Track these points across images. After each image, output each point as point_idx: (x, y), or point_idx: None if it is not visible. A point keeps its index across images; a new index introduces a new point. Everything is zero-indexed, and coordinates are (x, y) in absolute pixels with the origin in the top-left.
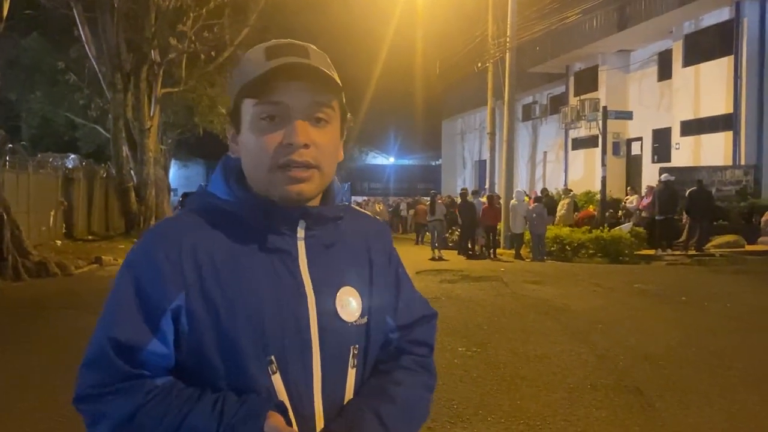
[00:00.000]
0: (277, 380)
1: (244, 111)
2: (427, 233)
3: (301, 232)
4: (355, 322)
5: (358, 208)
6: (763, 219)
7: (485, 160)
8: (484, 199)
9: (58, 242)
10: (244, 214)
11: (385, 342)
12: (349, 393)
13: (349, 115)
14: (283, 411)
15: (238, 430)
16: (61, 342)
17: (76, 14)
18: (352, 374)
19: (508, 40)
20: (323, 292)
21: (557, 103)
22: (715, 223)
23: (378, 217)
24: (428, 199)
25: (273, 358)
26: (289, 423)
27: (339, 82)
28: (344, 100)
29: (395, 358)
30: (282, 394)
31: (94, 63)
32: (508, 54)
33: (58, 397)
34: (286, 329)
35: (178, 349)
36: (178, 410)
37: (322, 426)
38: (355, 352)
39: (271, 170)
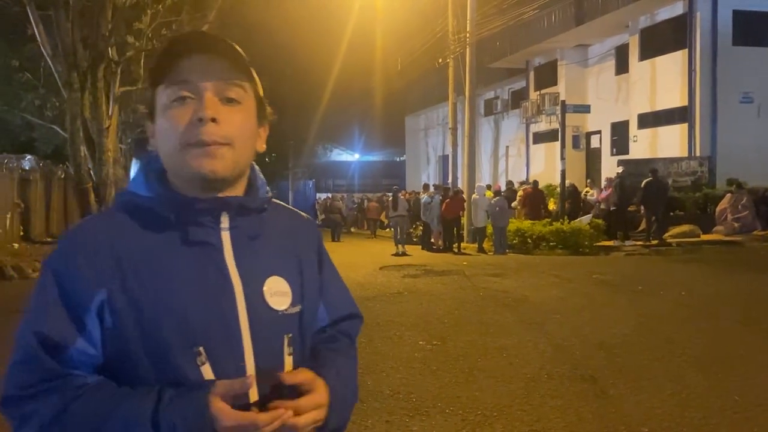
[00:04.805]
0: (206, 370)
1: (158, 99)
2: (389, 228)
3: (225, 224)
4: (287, 310)
5: (281, 202)
6: (718, 209)
7: (448, 155)
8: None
9: (15, 245)
10: (163, 209)
11: (318, 332)
12: None
13: (269, 109)
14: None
15: (183, 403)
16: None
17: (29, 11)
18: (289, 361)
19: (468, 35)
20: (251, 282)
21: (518, 98)
22: (671, 213)
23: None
24: (379, 196)
25: (201, 349)
26: None
27: (248, 66)
28: (260, 91)
29: (332, 341)
30: None
31: (50, 61)
32: (468, 49)
33: None
34: (212, 320)
35: (104, 346)
36: (110, 400)
37: (257, 414)
38: (290, 339)
39: (182, 149)
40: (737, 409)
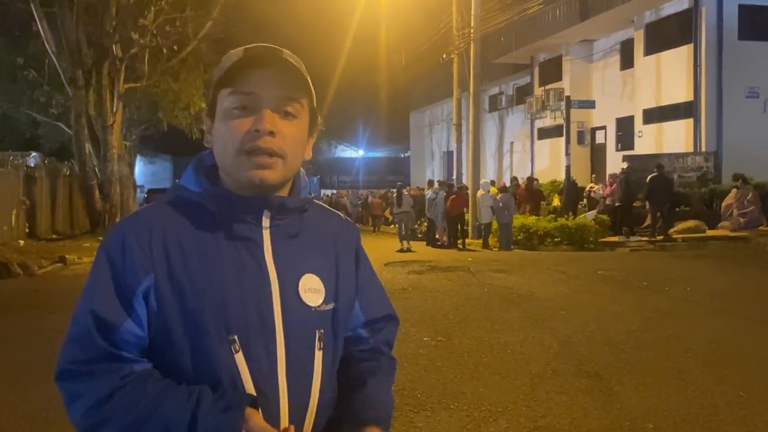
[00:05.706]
0: (239, 359)
1: (220, 102)
2: (394, 225)
3: (266, 222)
4: (319, 307)
5: (326, 206)
6: (723, 204)
7: (453, 151)
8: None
9: (21, 242)
10: (210, 204)
11: (357, 338)
12: (317, 374)
13: (319, 118)
14: (257, 406)
15: (218, 420)
16: (22, 342)
17: (33, 9)
18: (319, 356)
19: (472, 31)
20: (286, 278)
21: (523, 94)
22: (676, 209)
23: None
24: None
25: (236, 338)
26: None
27: (309, 82)
28: (315, 103)
29: (376, 359)
30: (245, 373)
31: (54, 59)
32: (472, 45)
33: (22, 396)
34: (249, 311)
35: (149, 329)
36: (154, 397)
37: (286, 405)
38: (321, 335)
39: (238, 154)
40: (743, 405)
